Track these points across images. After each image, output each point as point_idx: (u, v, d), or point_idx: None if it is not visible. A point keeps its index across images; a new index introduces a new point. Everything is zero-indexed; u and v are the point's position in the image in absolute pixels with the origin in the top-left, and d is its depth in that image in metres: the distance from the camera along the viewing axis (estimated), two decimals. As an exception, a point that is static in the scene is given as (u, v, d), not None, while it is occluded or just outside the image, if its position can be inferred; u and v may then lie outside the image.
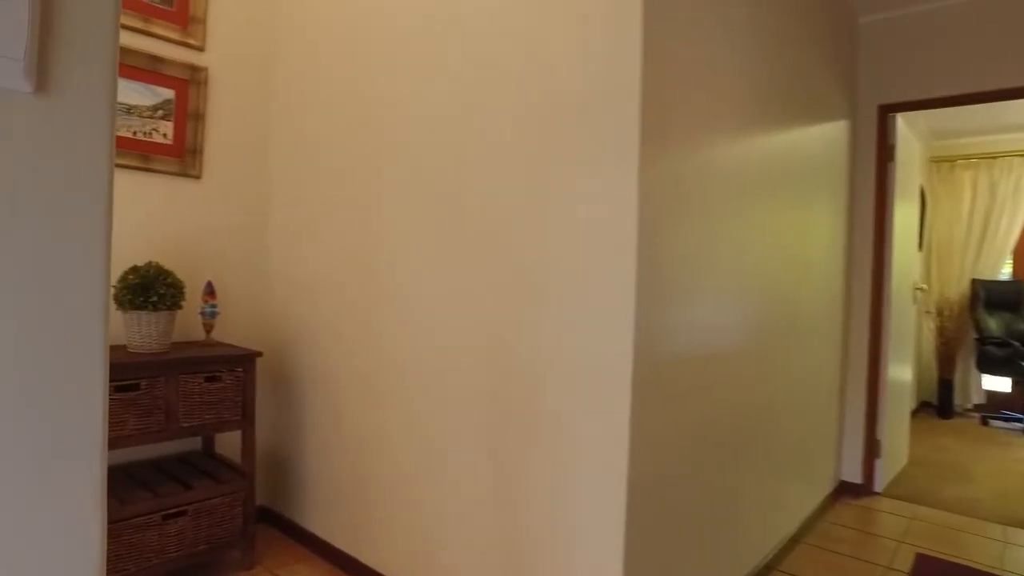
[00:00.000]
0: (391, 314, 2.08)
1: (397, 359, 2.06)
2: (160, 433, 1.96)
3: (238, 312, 2.54)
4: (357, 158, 2.21)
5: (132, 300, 1.97)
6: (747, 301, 2.11)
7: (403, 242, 2.03)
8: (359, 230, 2.20)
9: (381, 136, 2.11)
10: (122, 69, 2.15)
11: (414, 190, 2.00)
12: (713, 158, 1.83)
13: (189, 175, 2.35)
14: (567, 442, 1.62)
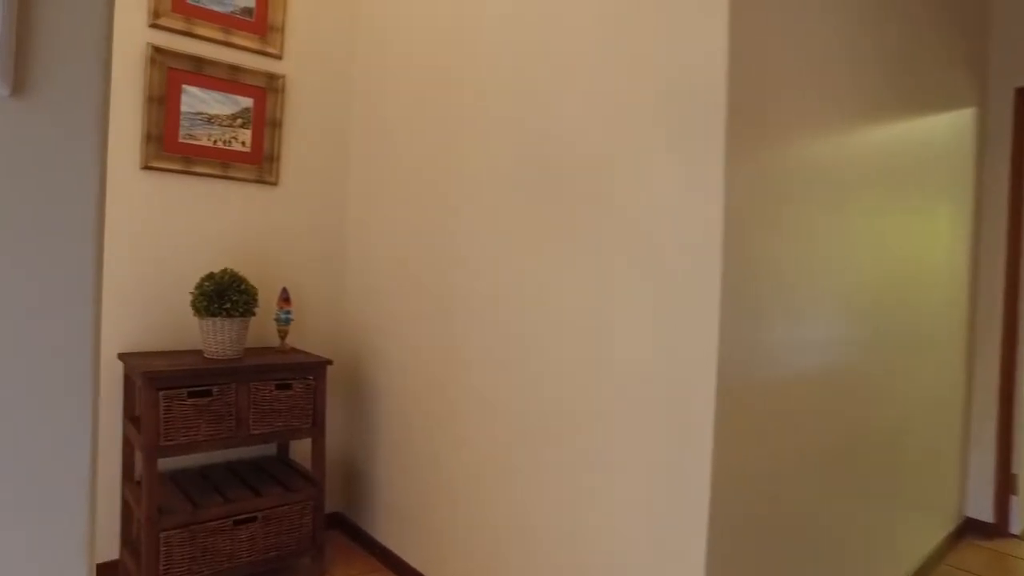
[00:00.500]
0: (466, 322, 1.99)
1: (471, 370, 1.97)
2: (231, 439, 1.97)
3: (314, 318, 2.54)
4: (435, 162, 2.15)
5: (207, 307, 2.00)
6: (853, 313, 1.86)
7: (481, 248, 1.94)
8: (436, 237, 2.13)
9: (461, 140, 2.03)
10: (203, 80, 2.19)
11: (493, 195, 1.91)
12: (812, 153, 1.62)
13: (266, 182, 2.38)
14: (639, 472, 1.46)
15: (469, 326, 1.96)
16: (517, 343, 1.78)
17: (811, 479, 1.69)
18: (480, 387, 1.91)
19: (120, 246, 2.08)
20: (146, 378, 1.80)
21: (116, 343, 2.08)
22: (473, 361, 1.93)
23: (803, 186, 1.58)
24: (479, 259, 1.92)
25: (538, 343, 1.72)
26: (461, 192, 2.00)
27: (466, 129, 1.98)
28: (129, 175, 2.09)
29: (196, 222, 2.23)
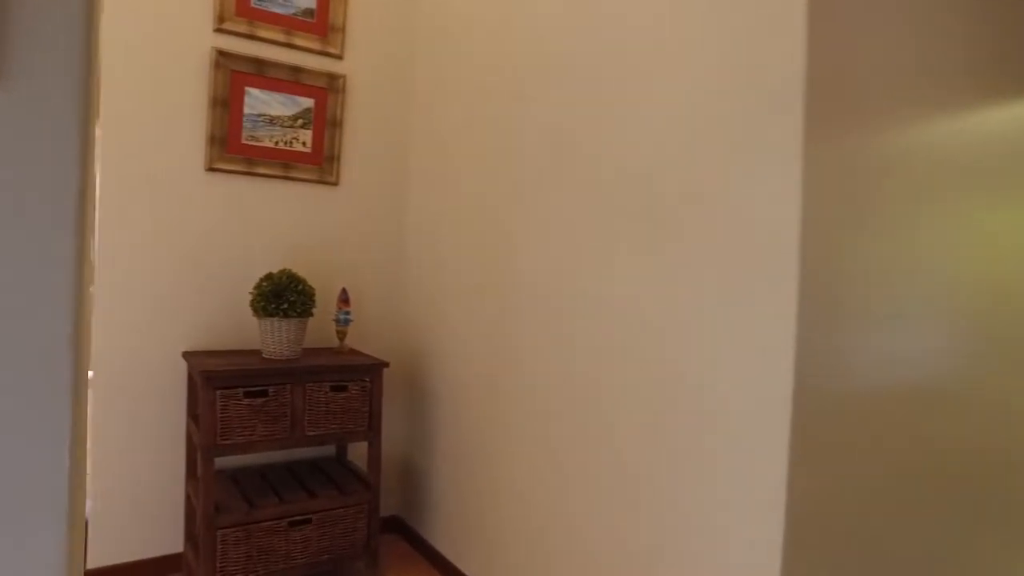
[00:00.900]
0: (527, 326, 1.91)
1: (530, 376, 1.88)
2: (286, 440, 1.96)
3: (373, 320, 2.53)
4: (498, 163, 2.07)
5: (265, 307, 2.00)
6: (958, 321, 1.63)
7: (543, 253, 1.85)
8: (497, 239, 2.06)
9: (525, 141, 1.95)
10: (265, 82, 2.21)
11: (557, 198, 1.81)
12: (909, 144, 1.42)
13: (327, 182, 2.38)
14: (705, 489, 1.32)
15: (529, 331, 1.87)
16: (578, 349, 1.68)
17: (908, 508, 1.49)
18: (539, 394, 1.82)
19: (185, 246, 2.12)
20: (203, 377, 1.82)
21: (181, 342, 2.12)
22: (533, 367, 1.84)
23: (900, 179, 1.39)
24: (541, 263, 1.83)
25: (600, 350, 1.60)
26: (524, 196, 1.91)
27: (530, 130, 1.89)
28: (194, 177, 2.12)
29: (258, 222, 2.25)
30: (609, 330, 1.56)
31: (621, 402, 1.52)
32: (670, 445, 1.40)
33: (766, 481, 1.21)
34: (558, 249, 1.74)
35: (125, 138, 2.01)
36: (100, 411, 2.01)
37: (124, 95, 2.00)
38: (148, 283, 2.06)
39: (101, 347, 2.00)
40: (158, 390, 2.09)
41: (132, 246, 2.03)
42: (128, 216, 2.02)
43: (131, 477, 2.07)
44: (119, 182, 2.01)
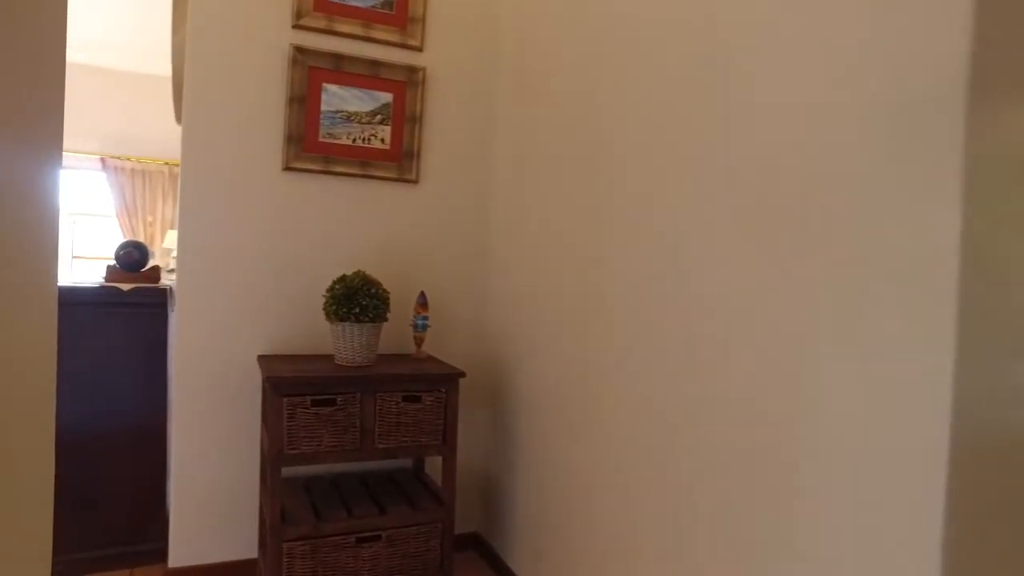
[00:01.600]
0: (623, 336, 1.69)
1: (621, 391, 1.67)
2: (354, 452, 1.86)
3: (453, 325, 2.40)
4: (590, 158, 1.87)
5: (337, 311, 1.92)
6: None
7: (640, 254, 1.63)
8: (588, 243, 1.86)
9: (621, 135, 1.74)
10: (343, 77, 2.14)
11: (657, 195, 1.59)
12: None
13: (406, 180, 2.27)
14: (828, 546, 1.05)
15: (621, 342, 1.65)
16: (679, 365, 1.44)
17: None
18: (629, 410, 1.59)
19: (262, 247, 2.08)
20: (271, 383, 1.75)
21: (257, 344, 2.09)
22: (623, 380, 1.62)
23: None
24: (637, 268, 1.60)
25: (705, 366, 1.36)
26: (619, 196, 1.69)
27: (630, 123, 1.66)
28: (271, 176, 2.08)
29: (335, 223, 2.18)
30: (717, 345, 1.31)
31: (730, 426, 1.27)
32: (786, 483, 1.14)
33: (917, 546, 0.93)
34: (658, 255, 1.51)
35: (204, 139, 2.00)
36: (181, 411, 2.01)
37: (204, 96, 1.99)
38: (226, 284, 2.04)
39: (182, 348, 2.00)
40: (236, 393, 2.07)
41: (210, 247, 2.02)
42: (207, 217, 2.01)
43: (210, 479, 2.06)
44: (197, 184, 2.00)
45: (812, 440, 1.08)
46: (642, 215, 1.54)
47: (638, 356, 1.54)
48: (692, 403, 1.35)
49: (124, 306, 2.09)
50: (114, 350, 2.09)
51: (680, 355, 1.39)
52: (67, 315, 2.07)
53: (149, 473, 2.14)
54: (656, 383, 1.47)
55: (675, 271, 1.42)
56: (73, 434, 2.07)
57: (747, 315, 1.22)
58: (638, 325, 1.54)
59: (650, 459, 1.48)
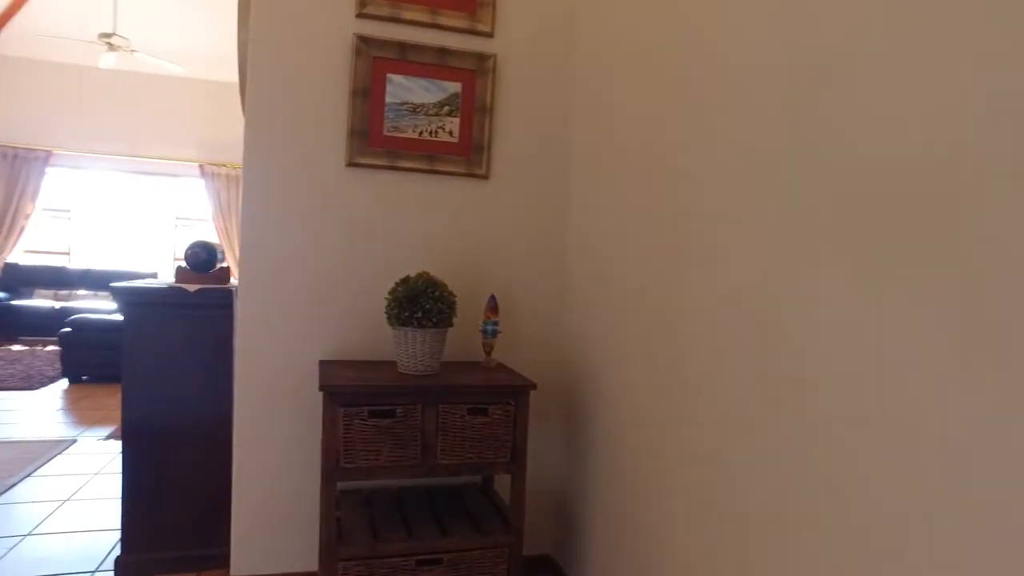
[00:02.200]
0: (709, 352, 1.47)
1: (710, 411, 1.44)
2: (414, 468, 1.72)
3: (526, 331, 2.22)
4: (679, 152, 1.66)
5: (398, 315, 1.79)
6: None
7: (736, 263, 1.41)
8: (677, 243, 1.64)
9: (717, 129, 1.51)
10: (408, 67, 2.01)
11: (764, 198, 1.36)
12: None
13: (475, 175, 2.12)
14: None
15: (711, 357, 1.42)
16: (790, 381, 1.20)
17: None
18: (717, 431, 1.36)
19: (324, 248, 1.99)
20: (326, 392, 1.65)
21: (319, 349, 2.00)
22: (721, 395, 1.39)
23: None
24: (733, 278, 1.37)
25: (822, 382, 1.12)
26: (712, 196, 1.46)
27: (720, 120, 1.44)
28: (334, 174, 1.99)
29: (401, 221, 2.06)
30: (830, 358, 1.07)
31: (849, 453, 1.03)
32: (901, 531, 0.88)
33: None
34: (760, 265, 1.27)
35: (266, 135, 1.93)
36: (242, 417, 1.95)
37: (266, 91, 1.92)
38: (287, 286, 1.96)
39: (243, 351, 1.94)
40: (298, 399, 1.99)
41: (271, 247, 1.95)
42: (268, 216, 1.94)
43: (271, 486, 1.99)
44: (259, 182, 1.93)
45: (933, 485, 0.82)
46: (742, 228, 1.31)
47: (734, 367, 1.30)
48: (803, 426, 1.11)
49: (190, 307, 2.06)
50: (180, 351, 2.06)
51: (789, 367, 1.15)
52: (136, 316, 2.07)
53: (216, 476, 2.10)
54: (757, 401, 1.23)
55: (781, 270, 1.18)
56: (142, 435, 2.06)
57: (859, 329, 0.97)
58: (733, 333, 1.31)
59: (750, 491, 1.25)
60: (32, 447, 3.51)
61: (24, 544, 2.41)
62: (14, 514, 2.68)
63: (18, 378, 5.20)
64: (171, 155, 7.78)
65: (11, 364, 5.71)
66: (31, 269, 7.36)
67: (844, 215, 1.04)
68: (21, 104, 7.54)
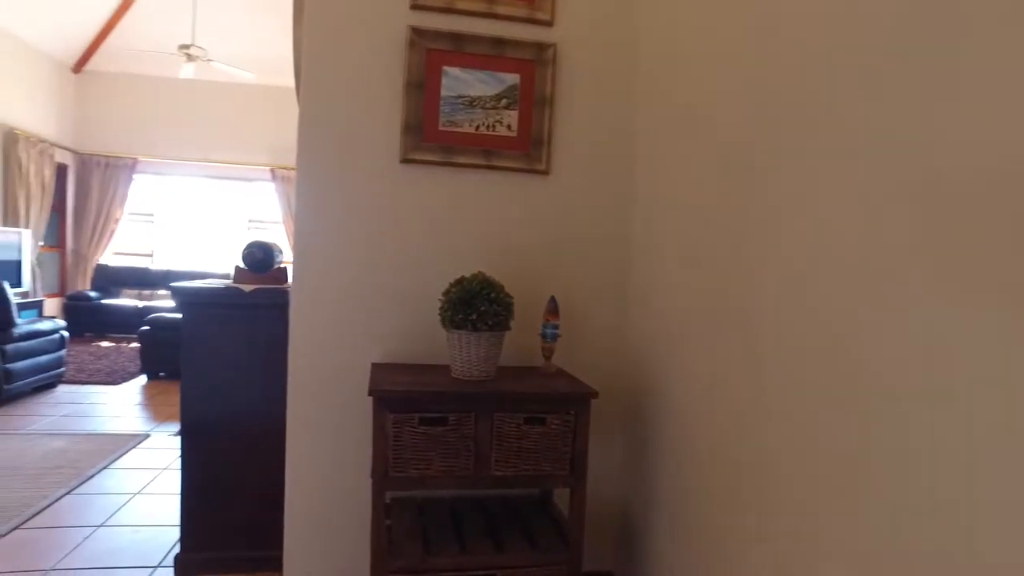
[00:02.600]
0: (793, 360, 1.31)
1: (784, 424, 1.29)
2: (466, 479, 1.63)
3: (586, 335, 2.10)
4: (752, 146, 1.51)
5: (452, 317, 1.71)
6: None
7: (819, 267, 1.25)
8: (752, 242, 1.50)
9: (799, 119, 1.36)
10: (464, 59, 1.93)
11: (848, 200, 1.20)
12: None
13: (535, 171, 2.02)
14: None
15: (794, 367, 1.26)
16: (880, 397, 1.04)
17: None
18: (800, 444, 1.21)
19: (377, 247, 1.94)
20: (376, 397, 1.58)
21: (372, 352, 1.94)
22: (794, 410, 1.24)
23: None
24: (814, 283, 1.22)
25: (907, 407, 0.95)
26: (802, 205, 1.31)
27: (822, 118, 1.29)
28: (388, 171, 1.93)
29: (456, 219, 1.99)
30: (927, 375, 0.90)
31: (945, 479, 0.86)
32: None
33: None
34: (849, 274, 1.11)
35: (319, 132, 1.89)
36: (294, 420, 1.92)
37: (319, 87, 1.88)
38: (340, 287, 1.92)
39: (295, 353, 1.90)
40: (350, 403, 1.94)
41: (323, 246, 1.91)
42: (321, 214, 1.90)
43: (323, 491, 1.95)
44: (312, 180, 1.90)
45: None
46: (826, 229, 1.15)
47: (817, 379, 1.14)
48: (897, 447, 0.94)
49: (245, 307, 2.05)
50: (236, 351, 2.06)
51: (875, 383, 0.99)
52: (193, 315, 2.08)
53: (272, 477, 2.08)
54: (842, 417, 1.07)
55: (870, 281, 1.02)
56: (200, 433, 2.06)
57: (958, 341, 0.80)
58: (817, 338, 1.15)
59: (834, 512, 1.08)
60: (110, 440, 3.66)
61: (96, 535, 2.48)
62: (90, 505, 2.77)
63: (103, 373, 5.48)
64: (244, 160, 8.08)
65: (99, 359, 6.03)
66: (118, 270, 7.79)
67: (957, 222, 0.87)
68: (112, 116, 8.01)
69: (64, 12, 6.89)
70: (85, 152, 7.93)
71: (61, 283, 7.92)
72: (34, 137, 6.92)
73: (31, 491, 2.89)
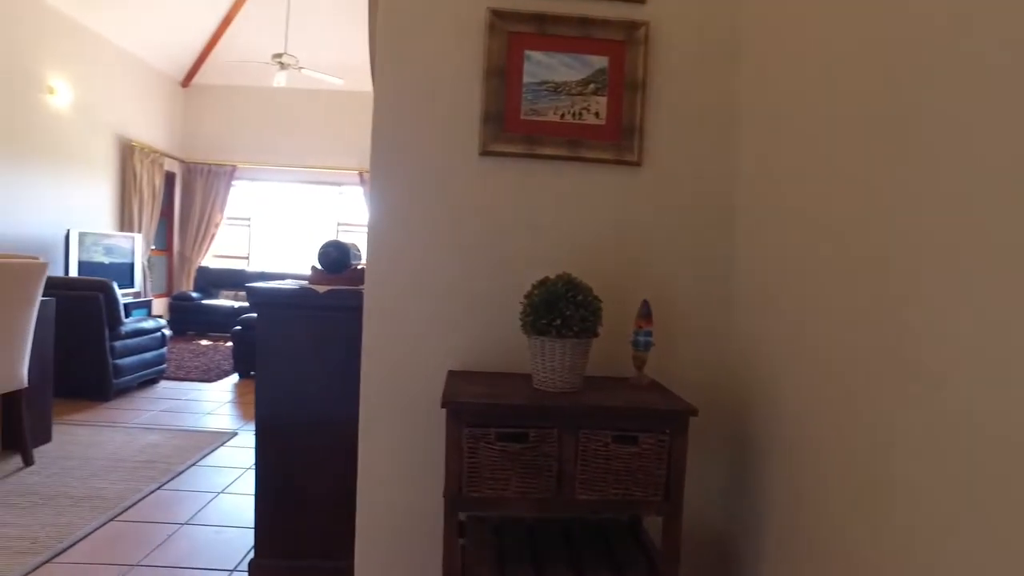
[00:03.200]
0: (931, 378, 1.07)
1: (940, 447, 1.05)
2: (547, 503, 1.47)
3: (682, 343, 1.89)
4: (882, 137, 1.27)
5: (534, 322, 1.55)
6: None
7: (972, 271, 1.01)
8: (881, 237, 1.26)
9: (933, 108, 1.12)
10: (548, 42, 1.78)
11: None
12: None
13: (625, 161, 1.83)
14: None
15: (965, 377, 1.02)
16: None
17: None
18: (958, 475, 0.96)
19: (455, 245, 1.81)
20: (450, 410, 1.45)
21: (449, 358, 1.82)
22: (946, 435, 0.99)
23: None
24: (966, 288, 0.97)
25: None
26: (934, 186, 1.07)
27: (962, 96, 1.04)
28: (467, 164, 1.81)
29: (540, 215, 1.83)
30: None
31: None
32: None
33: None
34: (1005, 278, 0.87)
35: (393, 125, 1.79)
36: (367, 429, 1.83)
37: (393, 76, 1.79)
38: (415, 289, 1.81)
39: (368, 358, 1.81)
40: (426, 412, 1.82)
41: (397, 245, 1.80)
42: (397, 211, 1.80)
43: (395, 505, 1.84)
44: (386, 176, 1.80)
45: None
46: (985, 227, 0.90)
47: (969, 397, 0.90)
48: None
49: (319, 308, 1.98)
50: (309, 354, 1.99)
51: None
52: (267, 316, 2.03)
53: (345, 485, 2.01)
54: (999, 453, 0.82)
55: None
56: (272, 437, 2.02)
57: None
58: (968, 351, 0.90)
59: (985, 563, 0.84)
60: (200, 437, 3.77)
61: (180, 533, 2.51)
62: (178, 501, 2.83)
63: (200, 370, 5.73)
64: (333, 164, 8.31)
65: (197, 357, 6.34)
66: (217, 272, 8.20)
67: None
68: (213, 125, 8.47)
69: (176, 32, 7.34)
70: (190, 160, 8.42)
71: (168, 284, 8.44)
72: (147, 148, 7.40)
73: (127, 483, 2.99)
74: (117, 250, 6.51)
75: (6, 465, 3.14)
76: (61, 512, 2.64)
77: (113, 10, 6.39)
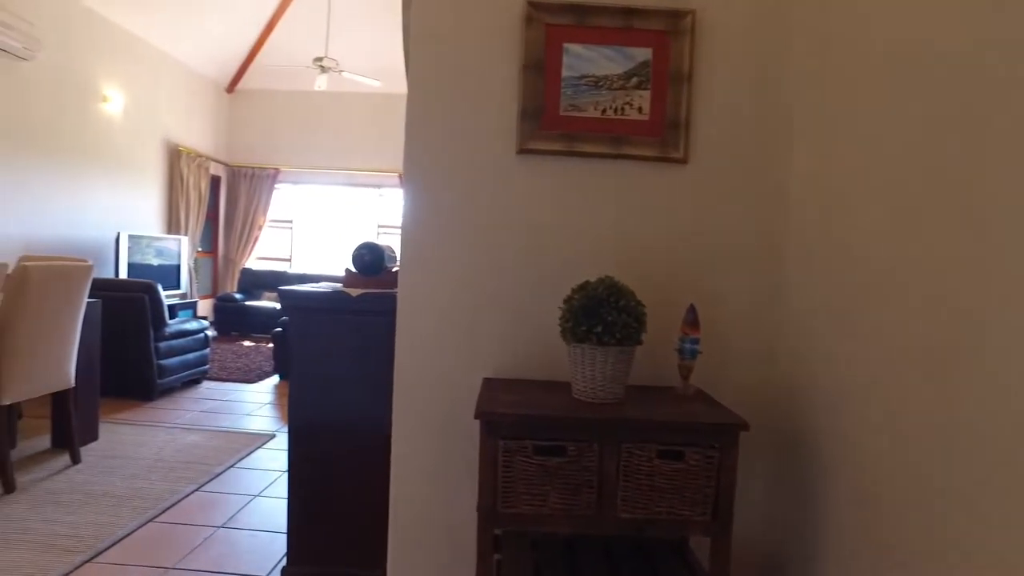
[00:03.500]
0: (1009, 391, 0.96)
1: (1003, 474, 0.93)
2: (587, 520, 1.38)
3: (731, 351, 1.78)
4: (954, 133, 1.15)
5: (573, 329, 1.47)
6: None
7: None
8: (952, 236, 1.14)
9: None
10: (588, 33, 1.70)
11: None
12: None
13: (670, 159, 1.74)
14: None
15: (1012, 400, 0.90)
16: None
17: None
18: None
19: (491, 248, 1.74)
20: (484, 421, 1.38)
21: (484, 366, 1.75)
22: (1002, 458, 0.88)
23: None
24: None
25: None
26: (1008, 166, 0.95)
27: None
28: (504, 162, 1.74)
29: (580, 216, 1.75)
30: None
31: None
32: None
33: None
34: None
35: (428, 123, 1.73)
36: (399, 438, 1.77)
37: (427, 72, 1.73)
38: (449, 293, 1.75)
39: (400, 364, 1.75)
40: (460, 421, 1.75)
41: (433, 246, 1.74)
42: (431, 212, 1.74)
43: (428, 517, 1.78)
44: (419, 175, 1.74)
45: None
46: None
47: None
48: None
49: (351, 312, 1.94)
50: (341, 357, 1.95)
51: None
52: (299, 320, 1.99)
53: (378, 495, 1.96)
54: None
55: None
56: (305, 442, 1.98)
57: None
58: None
59: None
60: (238, 438, 3.79)
61: (216, 536, 2.50)
62: (215, 503, 2.83)
63: (241, 371, 5.81)
64: (373, 167, 8.37)
65: (239, 358, 6.44)
66: (260, 274, 8.34)
67: None
68: (257, 129, 8.64)
69: (221, 40, 7.51)
70: (234, 164, 8.60)
71: (213, 286, 8.63)
72: (193, 152, 7.57)
73: (166, 484, 3.01)
74: (165, 252, 6.67)
75: (55, 463, 3.21)
76: (104, 511, 2.68)
77: (163, 20, 6.56)
